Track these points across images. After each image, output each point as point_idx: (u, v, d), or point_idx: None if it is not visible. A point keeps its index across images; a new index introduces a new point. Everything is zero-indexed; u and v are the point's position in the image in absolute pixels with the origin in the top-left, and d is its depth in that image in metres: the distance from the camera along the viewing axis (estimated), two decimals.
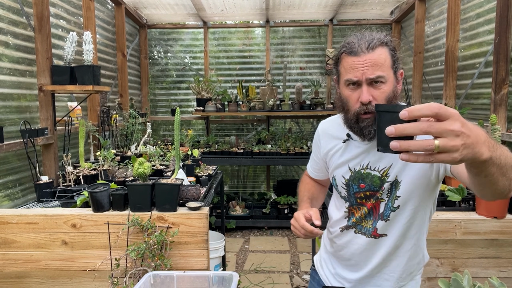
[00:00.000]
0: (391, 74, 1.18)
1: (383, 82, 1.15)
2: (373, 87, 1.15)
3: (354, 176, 1.31)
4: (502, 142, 2.48)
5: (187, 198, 2.17)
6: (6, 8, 2.46)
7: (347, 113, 1.22)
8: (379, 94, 1.15)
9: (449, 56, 3.40)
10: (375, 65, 1.14)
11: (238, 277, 1.45)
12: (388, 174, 1.25)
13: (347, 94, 1.20)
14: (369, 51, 1.14)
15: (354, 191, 1.33)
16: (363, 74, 1.14)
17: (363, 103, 1.15)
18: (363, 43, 1.15)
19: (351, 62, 1.16)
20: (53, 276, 1.99)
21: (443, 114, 0.67)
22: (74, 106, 3.07)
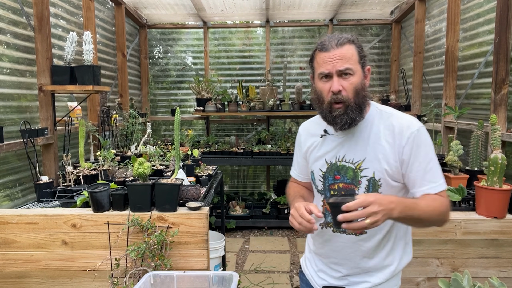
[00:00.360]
0: (358, 68, 1.31)
1: (351, 74, 1.29)
2: (343, 79, 1.29)
3: (331, 168, 1.41)
4: (502, 142, 2.48)
5: (187, 198, 2.17)
6: (6, 8, 2.46)
7: (322, 104, 1.34)
8: (348, 85, 1.29)
9: (449, 56, 3.40)
10: (344, 59, 1.28)
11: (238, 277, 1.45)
12: (362, 168, 1.34)
13: (321, 86, 1.33)
14: (338, 47, 1.28)
15: (329, 183, 1.42)
16: (334, 66, 1.28)
17: (334, 92, 1.29)
18: (333, 40, 1.30)
19: (323, 57, 1.30)
20: (53, 276, 1.99)
21: (366, 204, 1.09)
22: (74, 106, 3.07)
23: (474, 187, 2.10)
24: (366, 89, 1.33)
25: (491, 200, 1.98)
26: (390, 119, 1.35)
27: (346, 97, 1.28)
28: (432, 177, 1.29)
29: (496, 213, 1.98)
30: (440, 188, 1.29)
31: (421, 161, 1.29)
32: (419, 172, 1.29)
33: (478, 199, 2.04)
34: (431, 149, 1.31)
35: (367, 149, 1.33)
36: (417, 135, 1.29)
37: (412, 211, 1.19)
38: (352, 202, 1.08)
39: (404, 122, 1.32)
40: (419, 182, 1.30)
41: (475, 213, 2.05)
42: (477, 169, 2.46)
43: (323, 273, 1.49)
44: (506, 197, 1.97)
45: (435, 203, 1.25)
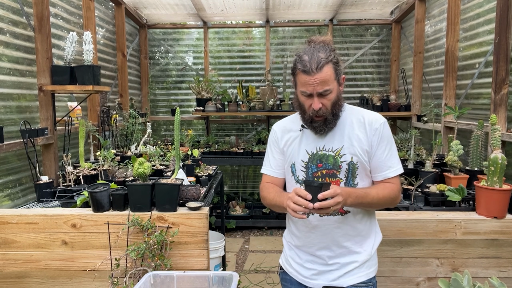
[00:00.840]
0: (335, 84, 1.48)
1: (329, 92, 1.46)
2: (322, 97, 1.47)
3: (313, 158, 1.56)
4: (502, 142, 2.48)
5: (187, 198, 2.17)
6: (6, 8, 2.46)
7: (304, 114, 1.53)
8: (327, 101, 1.47)
9: (449, 56, 3.40)
10: (323, 82, 1.43)
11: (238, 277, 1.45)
12: (341, 154, 1.53)
13: (303, 100, 1.52)
14: (317, 71, 1.42)
15: (312, 171, 1.56)
16: (314, 89, 1.44)
17: (314, 109, 1.47)
18: (313, 63, 1.43)
19: (304, 79, 1.45)
20: (53, 276, 1.99)
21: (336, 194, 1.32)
22: (74, 106, 3.07)
23: (474, 187, 2.10)
24: (341, 97, 1.53)
25: (491, 200, 1.98)
26: (360, 113, 1.57)
27: (325, 112, 1.47)
28: (391, 163, 1.53)
29: (496, 213, 1.98)
30: (398, 171, 1.53)
31: (384, 149, 1.52)
32: (381, 158, 1.52)
33: (478, 199, 2.04)
34: (392, 140, 1.56)
35: (344, 138, 1.53)
36: (382, 128, 1.52)
37: (362, 199, 1.44)
38: (327, 191, 1.31)
39: (372, 116, 1.55)
40: (380, 167, 1.53)
41: (475, 213, 2.05)
42: (477, 169, 2.46)
43: (310, 263, 1.56)
44: (506, 197, 1.97)
45: (385, 191, 1.50)
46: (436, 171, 2.54)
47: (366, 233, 1.58)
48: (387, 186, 1.52)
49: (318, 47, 1.47)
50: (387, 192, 1.50)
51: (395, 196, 1.53)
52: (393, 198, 1.53)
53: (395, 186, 1.53)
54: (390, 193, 1.51)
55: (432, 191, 2.27)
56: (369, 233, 1.59)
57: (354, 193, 1.42)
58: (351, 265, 1.53)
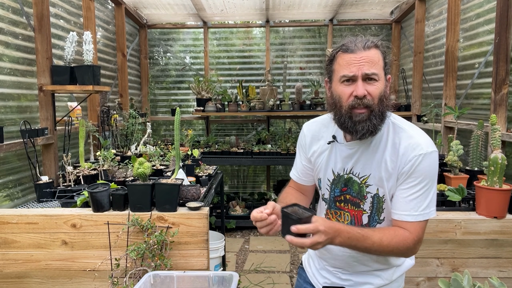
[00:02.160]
0: (383, 74, 1.23)
1: (376, 80, 1.20)
2: (368, 83, 1.20)
3: (338, 180, 1.36)
4: (502, 142, 2.48)
5: (187, 198, 2.17)
6: (6, 8, 2.46)
7: (340, 109, 1.24)
8: (373, 90, 1.20)
9: (449, 56, 3.40)
10: (371, 62, 1.19)
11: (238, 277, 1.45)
12: (367, 183, 1.30)
13: (341, 90, 1.23)
14: (365, 50, 1.21)
15: (335, 195, 1.38)
16: (360, 69, 1.19)
17: (358, 97, 1.19)
18: (359, 42, 1.23)
19: (347, 58, 1.21)
20: (53, 276, 1.99)
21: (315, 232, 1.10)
22: (74, 106, 3.07)
23: (474, 187, 2.10)
24: (388, 98, 1.25)
25: (491, 200, 1.98)
26: (400, 135, 1.26)
27: (371, 102, 1.19)
28: (415, 205, 1.23)
29: (496, 213, 1.98)
30: (420, 218, 1.23)
31: (412, 185, 1.22)
32: (403, 195, 1.24)
33: (478, 199, 2.04)
34: (430, 179, 1.22)
35: (372, 165, 1.28)
36: (419, 159, 1.21)
37: (357, 243, 1.18)
38: (302, 226, 1.09)
39: (412, 142, 1.23)
40: (400, 204, 1.25)
41: (475, 213, 2.05)
42: (477, 169, 2.46)
43: (326, 272, 1.48)
44: (506, 197, 1.97)
45: (393, 240, 1.20)
46: None
47: (387, 263, 1.37)
48: (399, 233, 1.22)
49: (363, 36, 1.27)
50: (396, 241, 1.20)
51: (406, 249, 1.22)
52: (402, 251, 1.23)
53: (409, 236, 1.21)
54: (399, 244, 1.20)
55: None
56: (391, 262, 1.37)
57: (346, 232, 1.15)
58: (365, 286, 1.39)
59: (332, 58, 1.29)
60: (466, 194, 2.14)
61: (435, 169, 1.24)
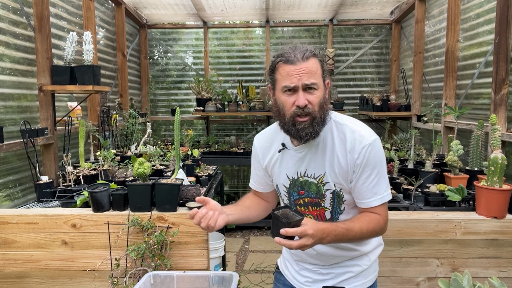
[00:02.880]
0: (321, 82, 1.29)
1: (316, 88, 1.27)
2: (308, 93, 1.27)
3: (294, 184, 1.41)
4: (502, 142, 2.48)
5: (187, 198, 2.17)
6: (6, 8, 2.46)
7: (284, 117, 1.30)
8: (313, 99, 1.27)
9: (449, 56, 3.40)
10: (310, 73, 1.25)
11: (238, 277, 1.45)
12: (324, 182, 1.36)
13: (284, 99, 1.29)
14: (303, 60, 1.25)
15: (294, 198, 1.43)
16: (300, 80, 1.25)
17: (299, 106, 1.26)
18: (298, 53, 1.26)
19: (288, 69, 1.26)
20: (53, 276, 1.99)
21: (304, 235, 1.15)
22: (74, 106, 3.07)
23: (474, 187, 2.10)
24: (328, 102, 1.34)
25: (491, 200, 1.98)
26: (343, 131, 1.33)
27: (311, 110, 1.26)
28: (377, 190, 1.32)
29: (496, 213, 1.98)
30: (384, 199, 1.34)
31: (368, 175, 1.31)
32: (364, 185, 1.32)
33: (478, 199, 2.04)
34: (380, 163, 1.32)
35: (325, 164, 1.34)
36: (368, 150, 1.29)
37: (343, 237, 1.27)
38: (291, 230, 1.13)
39: (356, 136, 1.31)
40: (364, 194, 1.33)
41: (475, 213, 2.05)
42: (477, 169, 2.46)
43: (306, 271, 1.51)
44: (506, 197, 1.97)
45: (370, 225, 1.31)
46: (436, 171, 2.54)
47: (363, 251, 1.45)
48: (373, 218, 1.33)
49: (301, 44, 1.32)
50: (372, 226, 1.32)
51: (380, 229, 1.36)
52: (378, 232, 1.36)
53: (381, 218, 1.34)
54: (375, 227, 1.33)
55: (432, 191, 2.27)
56: (366, 249, 1.46)
57: (333, 231, 1.24)
58: (346, 275, 1.45)
59: (273, 67, 1.33)
60: (466, 194, 2.14)
61: (382, 154, 1.35)
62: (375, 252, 1.50)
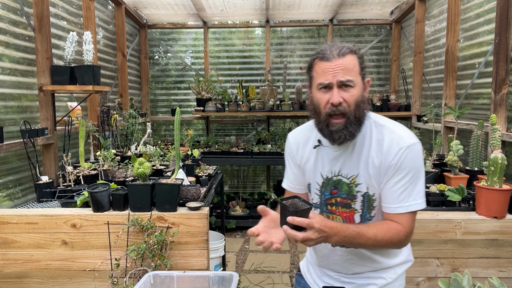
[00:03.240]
0: (359, 79, 1.26)
1: (352, 86, 1.23)
2: (343, 90, 1.23)
3: (327, 183, 1.38)
4: (502, 142, 2.48)
5: (187, 198, 2.17)
6: (6, 8, 2.46)
7: (319, 116, 1.29)
8: (349, 97, 1.23)
9: (449, 56, 3.40)
10: (346, 69, 1.22)
11: (238, 277, 1.45)
12: (356, 183, 1.32)
13: (319, 97, 1.27)
14: (339, 57, 1.23)
15: (325, 198, 1.40)
16: (334, 76, 1.22)
17: (333, 104, 1.23)
18: (334, 50, 1.24)
19: (323, 66, 1.24)
20: (53, 276, 1.99)
21: (309, 227, 1.10)
22: (74, 106, 3.07)
23: (474, 187, 2.10)
24: (366, 102, 1.29)
25: (491, 200, 1.98)
26: (382, 132, 1.29)
27: (347, 109, 1.23)
28: (405, 196, 1.26)
29: (496, 213, 1.98)
30: (412, 208, 1.26)
31: (400, 179, 1.25)
32: (393, 189, 1.26)
33: (478, 199, 2.04)
34: (416, 170, 1.26)
35: (359, 164, 1.30)
36: (405, 153, 1.24)
37: (353, 240, 1.21)
38: (298, 218, 1.09)
39: (394, 136, 1.27)
40: (391, 198, 1.27)
41: (475, 213, 2.05)
42: (477, 169, 2.46)
43: (327, 277, 1.49)
44: (506, 197, 1.97)
45: (387, 234, 1.24)
46: (436, 171, 2.54)
47: (389, 264, 1.39)
48: (392, 228, 1.25)
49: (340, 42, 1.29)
50: (390, 236, 1.24)
51: (399, 241, 1.26)
52: (396, 243, 1.27)
53: (402, 229, 1.25)
54: (393, 237, 1.24)
55: (432, 191, 2.27)
56: (392, 263, 1.39)
57: (343, 231, 1.18)
58: (369, 286, 1.40)
59: (310, 65, 1.31)
60: (466, 194, 2.14)
61: (420, 160, 1.28)
62: (402, 267, 1.43)
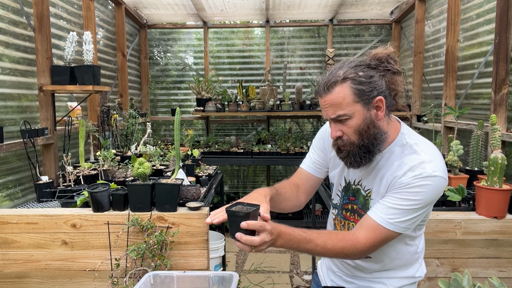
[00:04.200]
0: (356, 108, 1.18)
1: (347, 118, 1.19)
2: (341, 123, 1.21)
3: (348, 188, 1.38)
4: (502, 142, 2.48)
5: (187, 198, 2.17)
6: (6, 8, 2.46)
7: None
8: (347, 129, 1.21)
9: (449, 56, 3.40)
10: (333, 105, 1.18)
11: (238, 277, 1.45)
12: (371, 198, 1.30)
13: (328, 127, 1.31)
14: (327, 92, 1.19)
15: (344, 202, 1.40)
16: (326, 114, 1.22)
17: (332, 139, 1.25)
18: (323, 83, 1.20)
19: (320, 102, 1.24)
20: (53, 276, 1.99)
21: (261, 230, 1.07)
22: (74, 106, 3.07)
23: (474, 187, 2.10)
24: (377, 124, 1.20)
25: (491, 200, 1.98)
26: (407, 155, 1.21)
27: (347, 141, 1.20)
28: (388, 211, 1.17)
29: (496, 213, 1.98)
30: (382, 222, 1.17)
31: (399, 198, 1.17)
32: (383, 199, 1.21)
33: (478, 199, 2.04)
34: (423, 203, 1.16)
35: (375, 180, 1.27)
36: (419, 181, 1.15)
37: (298, 245, 1.15)
38: (252, 222, 1.06)
39: (416, 163, 1.17)
40: (379, 205, 1.21)
41: (475, 213, 2.05)
42: (477, 169, 2.46)
43: (332, 274, 1.51)
44: (506, 197, 1.97)
45: (339, 244, 1.17)
46: None
47: (391, 273, 1.35)
48: (348, 238, 1.18)
49: (349, 62, 1.22)
50: (342, 245, 1.17)
51: (352, 253, 1.19)
52: (348, 255, 1.20)
53: (359, 242, 1.18)
54: (346, 248, 1.17)
55: None
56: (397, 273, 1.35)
57: (288, 234, 1.13)
58: None
59: None
60: (466, 194, 2.14)
61: (434, 196, 1.18)
62: (410, 279, 1.38)
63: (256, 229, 1.07)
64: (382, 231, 1.18)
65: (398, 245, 1.32)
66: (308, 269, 3.78)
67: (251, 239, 1.06)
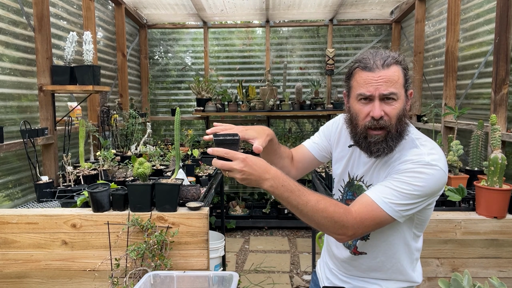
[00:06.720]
0: (402, 92, 1.19)
1: (394, 99, 1.17)
2: (385, 103, 1.17)
3: (351, 184, 1.37)
4: (502, 142, 2.48)
5: (187, 198, 2.17)
6: (6, 8, 2.46)
7: (356, 128, 1.23)
8: (391, 110, 1.17)
9: (449, 56, 3.39)
10: (389, 82, 1.15)
11: (238, 277, 1.45)
12: None
13: (358, 108, 1.20)
14: (384, 68, 1.16)
15: (347, 197, 1.39)
16: (377, 89, 1.15)
17: (374, 118, 1.17)
18: (378, 59, 1.17)
19: (365, 77, 1.17)
20: (53, 276, 1.99)
21: (234, 159, 1.05)
22: (74, 106, 3.07)
23: (474, 187, 2.10)
24: (407, 114, 1.21)
25: (491, 200, 1.98)
26: (410, 149, 1.20)
27: (387, 123, 1.16)
28: (388, 194, 1.14)
29: (496, 213, 1.98)
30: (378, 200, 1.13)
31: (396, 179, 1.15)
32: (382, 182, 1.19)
33: (478, 199, 2.04)
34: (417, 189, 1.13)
35: (379, 176, 1.26)
36: (416, 167, 1.14)
37: (290, 195, 1.08)
38: (221, 149, 1.07)
39: (415, 153, 1.17)
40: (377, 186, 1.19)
41: (475, 213, 2.05)
42: (477, 169, 2.46)
43: (329, 272, 1.52)
44: (506, 197, 1.97)
45: (331, 208, 1.10)
46: None
47: (387, 275, 1.34)
48: (340, 206, 1.13)
49: (384, 50, 1.21)
50: (333, 209, 1.10)
51: (339, 222, 1.11)
52: (336, 221, 1.11)
53: (349, 213, 1.12)
54: (335, 213, 1.10)
55: None
56: (393, 275, 1.34)
57: (280, 179, 1.08)
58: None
59: (350, 73, 1.25)
60: (466, 194, 2.14)
61: (433, 185, 1.14)
62: (406, 283, 1.37)
63: (228, 157, 1.06)
64: (375, 209, 1.14)
65: (396, 243, 1.32)
66: (308, 269, 3.78)
67: (216, 161, 1.08)
